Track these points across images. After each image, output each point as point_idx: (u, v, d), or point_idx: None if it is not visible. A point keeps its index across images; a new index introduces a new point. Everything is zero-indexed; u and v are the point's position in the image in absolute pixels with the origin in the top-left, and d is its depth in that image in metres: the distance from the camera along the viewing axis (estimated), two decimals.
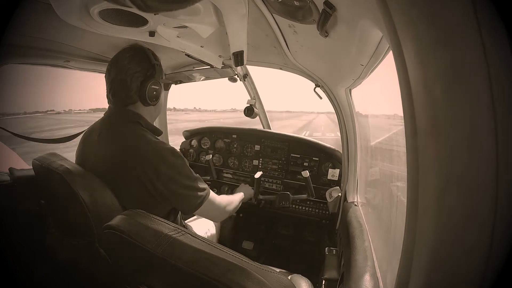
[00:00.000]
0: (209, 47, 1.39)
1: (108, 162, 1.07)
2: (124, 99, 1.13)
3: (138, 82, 1.11)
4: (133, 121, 1.13)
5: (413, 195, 0.37)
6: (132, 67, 1.11)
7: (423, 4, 0.33)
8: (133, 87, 1.11)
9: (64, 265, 1.12)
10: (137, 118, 1.14)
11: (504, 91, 0.30)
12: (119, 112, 1.14)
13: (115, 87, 1.12)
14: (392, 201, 0.93)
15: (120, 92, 1.12)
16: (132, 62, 1.11)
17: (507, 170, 0.30)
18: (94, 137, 1.15)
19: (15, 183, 1.20)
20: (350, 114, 1.42)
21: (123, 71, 1.10)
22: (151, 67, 1.15)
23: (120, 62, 1.12)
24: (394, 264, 0.53)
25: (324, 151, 1.93)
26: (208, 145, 2.22)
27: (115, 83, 1.12)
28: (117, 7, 0.86)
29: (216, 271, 0.53)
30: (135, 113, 1.14)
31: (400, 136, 0.86)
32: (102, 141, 1.12)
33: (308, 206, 1.89)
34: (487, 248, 0.31)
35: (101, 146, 1.11)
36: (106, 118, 1.17)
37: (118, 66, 1.12)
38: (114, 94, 1.14)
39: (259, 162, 2.08)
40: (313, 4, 0.72)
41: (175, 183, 1.06)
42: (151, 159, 1.03)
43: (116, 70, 1.11)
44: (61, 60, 1.35)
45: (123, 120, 1.13)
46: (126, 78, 1.10)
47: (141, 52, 1.15)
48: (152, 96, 1.14)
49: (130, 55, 1.13)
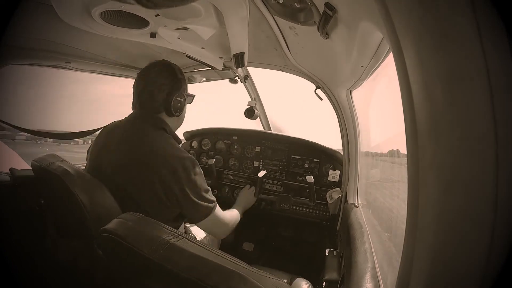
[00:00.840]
0: (210, 48, 1.39)
1: (126, 161, 1.10)
2: (150, 109, 1.19)
3: (164, 93, 1.18)
4: (159, 127, 1.19)
5: (413, 195, 0.37)
6: (159, 80, 1.18)
7: (423, 6, 0.33)
8: (159, 98, 1.18)
9: (63, 265, 1.12)
10: (163, 124, 1.20)
11: (503, 91, 0.30)
12: (146, 117, 1.20)
13: (143, 97, 1.20)
14: (393, 202, 0.93)
15: (147, 102, 1.19)
16: (160, 76, 1.19)
17: (507, 170, 0.30)
18: (117, 134, 1.19)
19: (16, 184, 1.21)
20: (350, 115, 1.42)
21: (151, 83, 1.18)
22: (177, 81, 1.22)
23: (148, 75, 1.20)
24: (395, 265, 0.53)
25: (325, 153, 1.93)
26: (208, 146, 2.22)
27: (144, 94, 1.19)
28: (119, 7, 0.86)
29: (213, 277, 0.53)
30: (161, 120, 1.20)
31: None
32: (125, 139, 1.15)
33: (309, 207, 1.89)
34: (487, 248, 0.31)
35: (122, 144, 1.14)
36: (131, 120, 1.22)
37: (147, 78, 1.20)
38: (142, 105, 1.20)
39: (259, 163, 2.08)
40: (313, 6, 0.72)
41: (191, 190, 1.10)
42: (172, 162, 1.07)
43: (145, 82, 1.19)
44: (62, 61, 1.36)
45: (150, 124, 1.18)
46: (153, 89, 1.18)
47: (168, 67, 1.23)
48: (177, 107, 1.21)
49: (158, 69, 1.21)
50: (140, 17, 0.95)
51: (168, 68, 1.23)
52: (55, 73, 1.93)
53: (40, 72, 2.27)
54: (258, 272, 0.56)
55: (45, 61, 1.32)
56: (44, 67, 1.39)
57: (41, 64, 1.33)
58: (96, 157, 1.20)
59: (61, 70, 1.47)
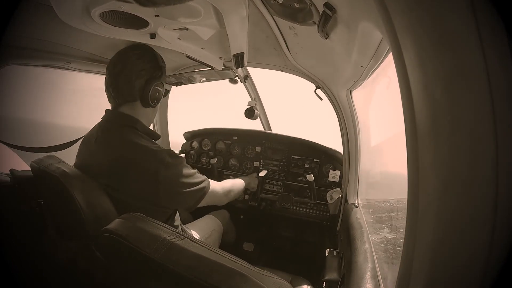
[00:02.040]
0: (210, 49, 1.39)
1: (105, 170, 1.06)
2: (126, 95, 1.10)
3: (143, 80, 1.10)
4: (129, 125, 1.11)
5: (413, 196, 0.37)
6: (139, 64, 1.09)
7: (423, 6, 0.33)
8: (136, 84, 1.09)
9: (63, 265, 1.12)
10: (133, 122, 1.12)
11: (503, 92, 0.30)
12: (115, 116, 1.13)
13: (119, 81, 1.09)
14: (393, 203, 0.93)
15: (123, 87, 1.09)
16: (140, 59, 1.10)
17: (507, 170, 0.30)
18: (92, 142, 1.14)
19: (16, 184, 1.21)
20: (351, 115, 1.42)
21: (129, 66, 1.08)
22: (158, 69, 1.14)
23: (128, 57, 1.10)
24: (395, 265, 0.53)
25: (325, 153, 1.93)
26: (209, 147, 2.22)
27: (120, 77, 1.09)
28: (118, 8, 0.86)
29: (215, 277, 0.53)
30: (131, 117, 1.12)
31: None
32: (99, 147, 1.11)
33: (309, 207, 1.89)
34: (487, 249, 0.31)
35: (98, 152, 1.10)
36: (103, 123, 1.16)
37: (125, 60, 1.09)
38: (116, 89, 1.10)
39: (260, 163, 2.08)
40: (313, 6, 0.72)
41: (177, 185, 1.06)
42: (149, 166, 1.02)
43: (122, 64, 1.08)
44: (62, 62, 1.36)
45: (119, 125, 1.11)
46: (131, 74, 1.08)
47: (150, 52, 1.15)
48: (154, 97, 1.13)
49: (139, 52, 1.12)
50: (139, 17, 0.95)
51: (150, 53, 1.14)
52: (55, 73, 1.92)
53: (40, 72, 2.28)
54: (260, 272, 0.56)
55: (45, 62, 1.32)
56: (45, 67, 1.39)
57: (41, 64, 1.33)
58: (78, 166, 1.16)
59: (61, 71, 1.47)
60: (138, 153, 1.04)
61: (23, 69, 1.31)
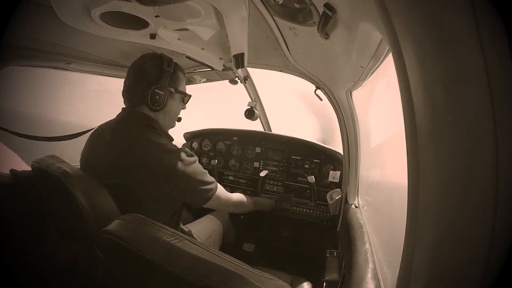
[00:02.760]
0: (210, 49, 1.39)
1: (118, 165, 1.08)
2: (132, 99, 1.18)
3: (143, 84, 1.14)
4: (146, 124, 1.15)
5: (413, 196, 0.37)
6: (142, 70, 1.16)
7: (422, 7, 0.33)
8: (137, 88, 1.14)
9: (64, 266, 1.12)
10: (151, 121, 1.16)
11: (503, 92, 0.30)
12: (132, 115, 1.17)
13: (126, 88, 1.19)
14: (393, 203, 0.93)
15: (129, 93, 1.18)
16: (145, 64, 1.16)
17: (507, 170, 0.30)
18: (106, 137, 1.16)
19: (16, 185, 1.21)
20: (351, 116, 1.42)
21: (134, 74, 1.17)
22: (160, 72, 1.16)
23: (134, 66, 1.18)
24: (395, 266, 0.53)
25: (325, 153, 1.93)
26: (209, 147, 2.22)
27: (126, 83, 1.19)
28: (118, 8, 0.86)
29: (214, 279, 0.53)
30: (147, 116, 1.17)
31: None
32: (115, 142, 1.13)
33: (309, 208, 1.89)
34: (487, 249, 0.31)
35: (113, 148, 1.12)
36: (119, 120, 1.19)
37: (132, 69, 1.18)
38: (124, 95, 1.20)
39: (260, 164, 2.08)
40: (313, 7, 0.72)
41: (193, 181, 1.10)
42: (168, 162, 1.05)
43: (129, 73, 1.19)
44: (62, 63, 1.36)
45: (137, 123, 1.15)
46: (135, 79, 1.16)
47: (155, 58, 1.19)
48: (154, 100, 1.14)
49: (148, 59, 1.18)
50: (140, 18, 0.95)
51: (155, 59, 1.18)
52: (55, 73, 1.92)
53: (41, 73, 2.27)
54: (259, 273, 0.56)
55: (45, 62, 1.32)
56: (45, 68, 1.39)
57: (42, 65, 1.33)
58: (86, 161, 1.20)
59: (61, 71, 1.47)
60: (157, 150, 1.07)
61: (31, 70, 1.32)
